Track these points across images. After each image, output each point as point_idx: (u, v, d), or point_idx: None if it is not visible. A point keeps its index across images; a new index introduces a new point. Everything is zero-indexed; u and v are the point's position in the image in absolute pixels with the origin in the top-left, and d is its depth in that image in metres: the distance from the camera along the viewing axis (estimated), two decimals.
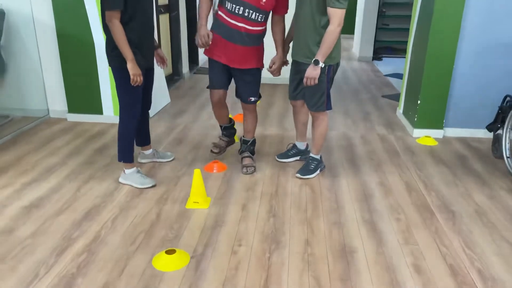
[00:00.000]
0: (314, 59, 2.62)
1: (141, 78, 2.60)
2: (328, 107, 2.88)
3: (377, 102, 5.03)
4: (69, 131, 3.89)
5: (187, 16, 6.14)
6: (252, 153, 3.24)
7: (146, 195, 2.77)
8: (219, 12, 2.80)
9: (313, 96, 2.83)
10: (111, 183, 2.91)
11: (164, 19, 5.42)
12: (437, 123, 3.85)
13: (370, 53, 7.72)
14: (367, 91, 5.54)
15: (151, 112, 4.33)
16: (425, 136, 3.81)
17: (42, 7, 3.86)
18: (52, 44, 3.97)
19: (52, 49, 4.00)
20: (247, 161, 3.15)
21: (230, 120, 3.25)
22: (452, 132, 3.90)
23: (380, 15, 7.59)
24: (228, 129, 3.26)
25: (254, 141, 3.23)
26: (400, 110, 4.44)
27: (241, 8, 2.69)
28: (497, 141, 3.40)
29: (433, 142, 3.73)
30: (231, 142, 3.31)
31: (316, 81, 2.66)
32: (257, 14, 2.72)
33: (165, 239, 2.31)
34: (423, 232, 2.41)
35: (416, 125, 3.88)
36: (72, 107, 4.15)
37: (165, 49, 5.49)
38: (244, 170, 3.09)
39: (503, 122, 3.31)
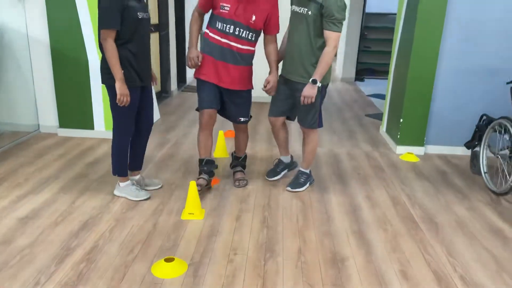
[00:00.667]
0: (312, 78, 2.71)
1: (128, 99, 2.59)
2: (320, 124, 3.00)
3: (361, 120, 5.22)
4: (60, 145, 3.93)
5: (176, 35, 6.29)
6: (244, 167, 3.30)
7: (141, 207, 2.83)
8: (209, 33, 2.83)
9: (307, 114, 2.92)
10: (106, 195, 2.96)
11: (154, 37, 5.55)
12: (419, 141, 4.04)
13: (352, 74, 7.99)
14: (350, 110, 5.75)
15: None
16: (407, 153, 3.99)
17: (37, 25, 3.94)
18: (46, 61, 4.04)
19: (45, 65, 4.06)
20: (239, 175, 3.22)
21: (211, 157, 3.14)
22: (433, 149, 4.09)
23: (362, 38, 7.90)
24: (209, 164, 3.06)
25: (245, 157, 3.30)
26: (383, 128, 4.63)
27: (232, 26, 2.74)
28: (475, 158, 3.59)
29: (415, 159, 3.91)
30: (209, 184, 3.09)
31: (313, 100, 2.76)
32: (248, 32, 2.78)
33: (162, 248, 2.38)
34: (408, 242, 2.54)
35: (399, 143, 4.06)
36: (63, 122, 4.19)
37: (155, 67, 5.60)
38: (237, 183, 3.15)
39: (480, 140, 3.51)
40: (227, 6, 2.72)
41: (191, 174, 3.36)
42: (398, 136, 4.05)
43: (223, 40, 2.78)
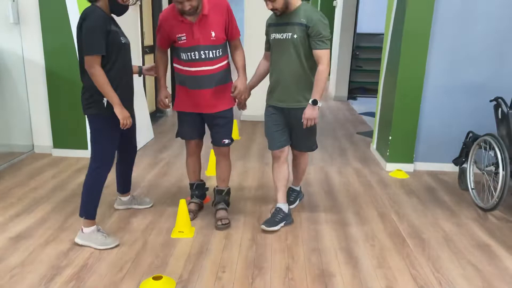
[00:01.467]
0: (312, 99, 2.62)
1: (131, 120, 2.51)
2: (316, 146, 3.01)
3: (352, 138, 5.29)
4: (54, 165, 3.97)
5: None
6: (227, 204, 3.02)
7: (132, 226, 2.86)
8: (177, 66, 2.74)
9: (309, 137, 2.90)
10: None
11: (149, 59, 5.65)
12: (408, 158, 4.10)
13: (345, 93, 8.11)
14: (342, 128, 5.82)
15: None
16: (397, 170, 4.04)
17: (33, 47, 4.04)
18: (41, 82, 4.12)
19: (40, 87, 4.14)
20: (221, 213, 2.92)
21: (202, 180, 3.14)
22: (422, 166, 4.15)
23: (354, 57, 8.04)
24: (200, 188, 3.09)
25: (229, 191, 3.03)
26: (373, 145, 4.70)
27: (196, 52, 2.63)
28: (462, 174, 3.65)
29: (405, 175, 3.97)
30: (201, 205, 3.12)
31: (317, 121, 2.68)
32: (213, 51, 2.65)
33: (151, 266, 2.40)
34: (395, 257, 2.57)
35: (389, 160, 4.12)
36: (58, 143, 4.24)
37: (150, 87, 5.70)
38: (219, 223, 2.84)
39: (467, 156, 3.58)
40: (183, 36, 2.62)
41: (183, 194, 3.39)
42: (388, 153, 4.11)
43: (192, 69, 2.68)
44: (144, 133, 4.80)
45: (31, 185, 3.50)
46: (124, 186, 3.05)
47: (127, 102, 2.58)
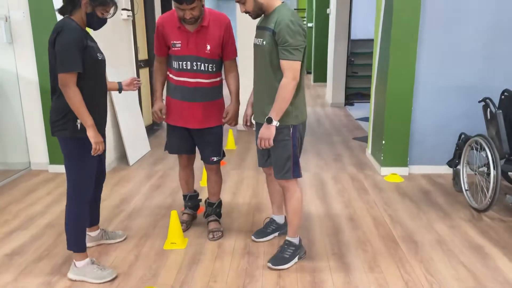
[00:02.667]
0: (267, 117, 2.29)
1: (103, 146, 2.31)
2: (296, 174, 2.44)
3: (348, 144, 5.30)
4: (51, 181, 4.00)
5: None
6: (219, 216, 3.00)
7: (125, 238, 2.88)
8: (169, 75, 2.71)
9: (278, 161, 2.43)
10: None
11: (144, 73, 5.71)
12: (402, 161, 4.11)
13: (342, 99, 8.13)
14: (339, 134, 5.83)
15: (132, 160, 4.49)
16: (391, 174, 4.04)
17: (27, 65, 4.09)
18: (35, 99, 4.17)
19: (35, 104, 4.18)
20: (213, 225, 2.91)
21: (195, 190, 3.11)
22: (416, 169, 4.15)
23: (349, 64, 8.08)
24: (193, 200, 3.07)
25: (220, 203, 3.00)
26: (368, 150, 4.70)
27: (188, 62, 2.58)
28: (456, 176, 3.65)
29: (400, 179, 3.97)
30: (195, 216, 3.13)
31: (271, 143, 2.32)
32: (206, 64, 2.59)
33: (143, 279, 2.41)
34: (387, 261, 2.56)
35: (383, 164, 4.13)
36: (54, 159, 4.28)
37: (146, 101, 5.74)
38: (211, 236, 2.84)
39: (460, 158, 3.58)
40: (178, 43, 2.57)
41: (177, 205, 3.41)
42: (382, 158, 4.12)
43: (182, 79, 2.62)
44: (141, 145, 4.83)
45: (27, 201, 3.53)
46: (92, 217, 2.69)
47: (101, 121, 2.38)
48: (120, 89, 2.68)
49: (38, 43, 3.98)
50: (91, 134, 2.22)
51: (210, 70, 2.62)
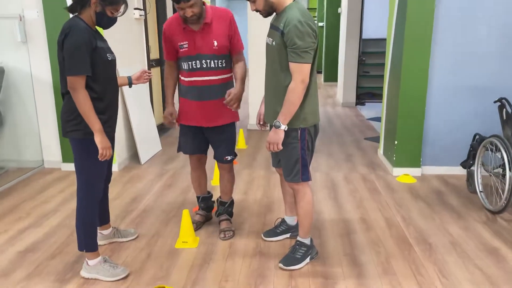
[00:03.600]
0: (275, 121, 2.26)
1: (111, 152, 2.25)
2: (305, 178, 2.40)
3: (359, 144, 5.26)
4: (63, 179, 4.04)
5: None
6: (230, 215, 2.99)
7: (137, 237, 2.89)
8: (181, 77, 2.72)
9: (287, 164, 2.41)
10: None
11: (156, 72, 5.73)
12: (415, 162, 4.06)
13: (353, 99, 8.08)
14: (350, 134, 5.79)
15: (143, 159, 4.51)
16: (404, 175, 4.00)
17: (40, 65, 4.12)
18: (49, 98, 4.20)
19: (49, 103, 4.22)
20: (224, 224, 2.91)
21: (209, 191, 3.11)
22: (430, 169, 4.10)
23: (361, 63, 8.03)
24: (206, 201, 3.05)
25: (232, 203, 2.99)
26: (380, 151, 4.66)
27: (197, 61, 2.58)
28: (470, 177, 3.60)
29: (412, 180, 3.92)
30: (208, 217, 3.10)
31: (280, 147, 2.30)
32: (216, 60, 2.60)
33: (155, 277, 2.41)
34: (401, 263, 2.54)
35: (395, 164, 4.09)
36: (66, 157, 4.31)
37: (157, 100, 5.76)
38: (222, 235, 2.84)
39: (474, 159, 3.53)
40: (185, 44, 2.58)
41: (188, 204, 3.41)
42: (394, 158, 4.08)
43: (193, 79, 2.63)
44: (152, 144, 4.85)
45: (40, 199, 3.56)
46: (103, 216, 2.72)
47: (115, 124, 2.41)
48: (130, 84, 2.67)
49: (52, 42, 4.02)
50: (98, 139, 2.19)
51: (220, 66, 2.62)
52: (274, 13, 2.35)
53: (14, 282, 2.38)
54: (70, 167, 4.28)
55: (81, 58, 2.10)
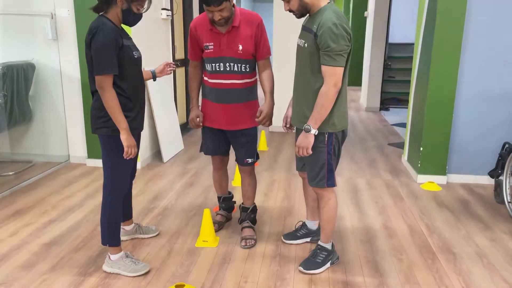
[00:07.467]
0: (305, 125, 2.23)
1: (135, 150, 2.29)
2: (330, 183, 2.36)
3: (383, 149, 5.19)
4: (88, 175, 4.11)
5: None
6: (253, 222, 2.93)
7: (158, 234, 2.91)
8: (204, 78, 2.71)
9: (312, 168, 2.37)
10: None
11: (180, 72, 5.79)
12: (440, 170, 3.97)
13: (377, 103, 7.98)
14: (373, 139, 5.72)
15: (166, 157, 4.56)
16: (428, 182, 3.92)
17: (70, 62, 4.22)
18: (77, 95, 4.30)
19: (76, 100, 4.32)
20: (247, 232, 2.83)
21: (229, 192, 3.11)
22: (455, 178, 4.00)
23: (386, 68, 7.92)
24: (227, 201, 3.06)
25: (254, 208, 2.93)
26: (405, 157, 4.58)
27: (221, 64, 2.56)
28: (498, 187, 3.49)
29: (437, 188, 3.84)
30: (229, 217, 3.10)
31: (310, 151, 2.25)
32: (239, 65, 2.56)
33: (175, 274, 2.43)
34: (424, 272, 2.48)
35: (420, 171, 4.01)
36: (92, 153, 4.39)
37: (181, 100, 5.82)
38: (243, 243, 2.76)
39: (503, 168, 3.43)
40: (211, 45, 2.55)
41: (209, 203, 3.43)
42: (419, 165, 4.00)
43: (216, 81, 2.61)
44: (175, 143, 4.90)
45: (65, 193, 3.64)
46: (126, 212, 2.74)
47: (142, 121, 2.46)
48: (154, 77, 2.69)
49: (81, 40, 4.11)
50: (124, 137, 2.23)
51: (243, 70, 2.58)
52: (307, 15, 2.32)
53: (38, 273, 2.43)
54: (95, 163, 4.37)
55: (108, 58, 2.13)
